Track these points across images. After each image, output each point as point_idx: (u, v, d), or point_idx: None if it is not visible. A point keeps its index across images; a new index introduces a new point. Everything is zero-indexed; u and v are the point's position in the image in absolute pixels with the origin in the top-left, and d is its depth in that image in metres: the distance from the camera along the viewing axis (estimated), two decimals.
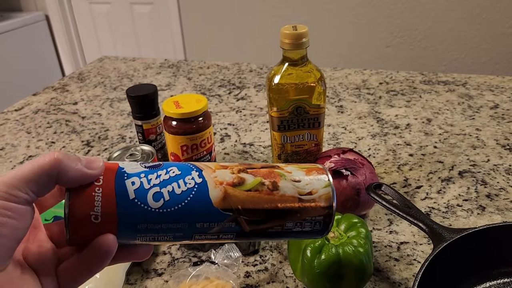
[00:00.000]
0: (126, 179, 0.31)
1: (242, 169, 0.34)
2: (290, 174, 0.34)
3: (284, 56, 0.60)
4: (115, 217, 0.30)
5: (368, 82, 1.09)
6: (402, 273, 0.54)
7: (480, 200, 0.65)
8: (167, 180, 0.31)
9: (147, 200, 0.30)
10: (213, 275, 0.50)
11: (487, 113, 0.90)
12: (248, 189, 0.33)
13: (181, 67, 1.29)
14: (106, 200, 0.30)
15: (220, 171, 0.33)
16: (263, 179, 0.33)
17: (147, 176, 0.31)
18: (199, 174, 0.32)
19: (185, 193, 0.31)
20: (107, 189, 0.30)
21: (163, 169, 0.32)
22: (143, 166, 0.32)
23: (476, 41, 1.95)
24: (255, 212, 0.33)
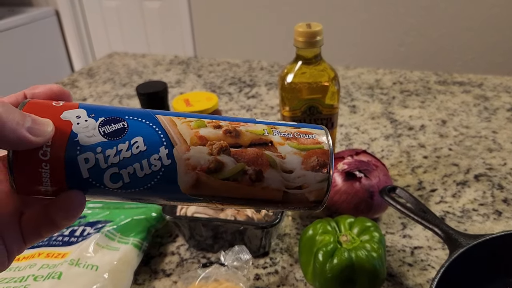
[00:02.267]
0: (78, 154, 0.25)
1: (224, 147, 0.28)
2: (283, 161, 0.28)
3: (297, 55, 0.59)
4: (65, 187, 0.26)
5: (382, 82, 1.07)
6: (416, 279, 0.52)
7: (496, 205, 0.63)
8: (128, 159, 0.26)
9: (103, 181, 0.26)
10: (223, 277, 0.49)
11: (503, 115, 0.88)
12: (225, 177, 0.27)
13: (191, 64, 1.28)
14: (55, 179, 0.26)
15: (196, 150, 0.27)
16: (247, 166, 0.28)
17: (104, 152, 0.26)
18: (168, 153, 0.27)
19: (149, 177, 0.26)
20: (56, 166, 0.25)
21: (125, 141, 0.26)
22: (102, 131, 0.26)
23: (493, 40, 1.92)
24: (230, 199, 0.29)
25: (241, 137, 0.28)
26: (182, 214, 0.56)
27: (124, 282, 0.51)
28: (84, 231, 0.56)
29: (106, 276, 0.49)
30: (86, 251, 0.52)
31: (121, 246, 0.54)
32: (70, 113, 0.27)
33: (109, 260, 0.51)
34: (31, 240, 0.28)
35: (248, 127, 0.29)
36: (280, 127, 0.30)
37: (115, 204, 0.62)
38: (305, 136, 0.30)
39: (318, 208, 0.30)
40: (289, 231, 0.61)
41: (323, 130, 0.31)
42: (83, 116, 0.27)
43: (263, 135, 0.29)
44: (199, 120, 0.29)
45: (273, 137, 0.29)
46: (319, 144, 0.29)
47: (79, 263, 0.50)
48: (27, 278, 0.48)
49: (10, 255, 0.27)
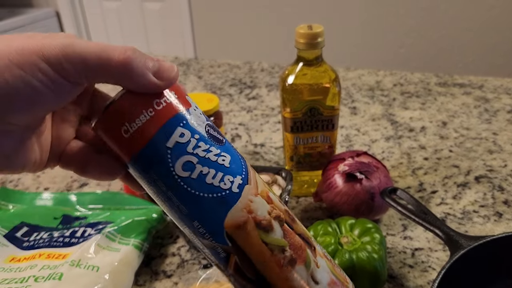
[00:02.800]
0: (181, 125, 0.27)
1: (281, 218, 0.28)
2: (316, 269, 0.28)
3: (298, 56, 0.59)
4: (140, 147, 0.27)
5: (382, 84, 1.07)
6: (417, 280, 0.52)
7: (497, 207, 0.63)
8: (211, 162, 0.27)
9: (176, 161, 0.27)
10: (224, 278, 0.49)
11: (504, 117, 0.88)
12: (266, 241, 0.27)
13: (191, 65, 1.28)
14: (147, 127, 0.26)
15: (261, 201, 0.28)
16: (288, 248, 0.28)
17: (199, 141, 0.27)
18: (240, 184, 0.28)
19: (212, 188, 0.27)
20: (157, 119, 0.26)
21: (218, 148, 0.28)
22: (207, 129, 0.28)
23: (493, 42, 1.92)
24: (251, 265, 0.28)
25: (296, 224, 0.29)
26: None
27: (125, 283, 0.51)
28: (85, 232, 0.56)
29: (107, 277, 0.49)
30: (87, 252, 0.52)
31: (122, 247, 0.54)
32: (192, 100, 0.29)
33: (110, 261, 0.51)
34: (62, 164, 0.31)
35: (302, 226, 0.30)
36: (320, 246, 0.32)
37: (116, 205, 0.62)
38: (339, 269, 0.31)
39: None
40: None
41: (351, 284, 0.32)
42: (198, 109, 0.29)
43: (311, 238, 0.30)
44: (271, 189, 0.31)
45: (317, 246, 0.30)
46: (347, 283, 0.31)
47: (80, 264, 0.50)
48: (28, 279, 0.48)
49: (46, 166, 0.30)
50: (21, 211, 0.62)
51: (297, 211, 0.65)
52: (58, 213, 0.61)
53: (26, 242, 0.56)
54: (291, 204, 0.66)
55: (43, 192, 0.66)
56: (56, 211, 0.62)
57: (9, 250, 0.54)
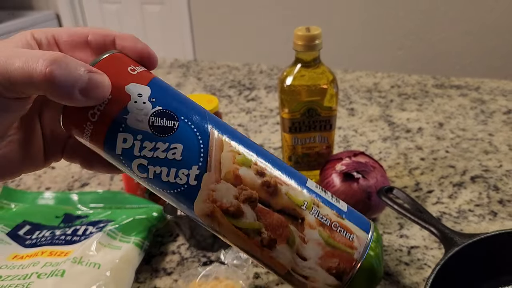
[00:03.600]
0: (120, 131, 0.26)
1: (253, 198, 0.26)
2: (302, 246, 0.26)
3: (296, 58, 0.60)
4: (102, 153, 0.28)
5: (380, 85, 1.08)
6: (413, 277, 0.53)
7: (492, 206, 0.64)
8: (160, 160, 0.26)
9: (131, 165, 0.27)
10: (223, 275, 0.50)
11: (500, 118, 0.89)
12: (238, 226, 0.26)
13: (191, 67, 1.29)
14: (94, 139, 0.27)
15: (224, 187, 0.26)
16: (263, 229, 0.26)
17: (143, 141, 0.26)
18: (198, 174, 0.26)
19: (170, 185, 0.26)
20: (97, 131, 0.26)
21: (165, 141, 0.26)
22: (151, 122, 0.26)
23: (490, 45, 1.94)
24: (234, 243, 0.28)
25: (276, 198, 0.26)
26: (183, 214, 0.57)
27: (125, 280, 0.52)
28: (87, 230, 0.57)
29: (108, 274, 0.50)
30: (88, 250, 0.53)
31: (123, 245, 0.55)
32: (135, 88, 0.26)
33: (111, 259, 0.52)
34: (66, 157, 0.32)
35: (290, 190, 0.27)
36: (324, 207, 0.27)
37: (117, 204, 0.63)
38: (342, 232, 0.27)
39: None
40: None
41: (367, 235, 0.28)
42: (144, 96, 0.26)
43: (299, 208, 0.27)
44: (246, 158, 0.27)
45: (307, 215, 0.27)
46: (351, 249, 0.27)
47: (81, 261, 0.51)
48: (30, 275, 0.49)
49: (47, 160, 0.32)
50: (23, 210, 0.62)
51: None
52: (60, 212, 0.62)
53: (29, 240, 0.56)
54: None
55: (44, 192, 0.67)
56: (58, 210, 0.62)
57: (11, 248, 0.55)
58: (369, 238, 0.29)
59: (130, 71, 0.27)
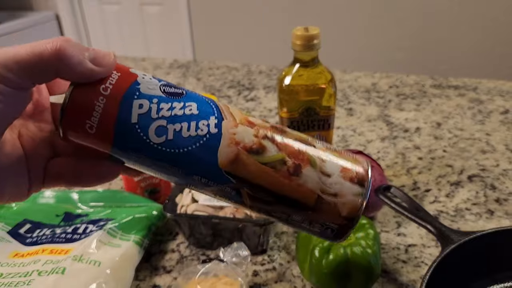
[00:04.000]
0: (135, 98, 0.27)
1: (269, 134, 0.28)
2: (323, 163, 0.28)
3: (295, 58, 0.61)
4: (110, 135, 0.27)
5: (378, 86, 1.09)
6: (410, 275, 0.54)
7: (488, 205, 0.65)
8: (179, 116, 0.27)
9: (148, 131, 0.27)
10: (222, 273, 0.50)
11: (497, 118, 0.89)
12: (264, 162, 0.28)
13: (190, 67, 1.30)
14: (105, 114, 0.26)
15: (243, 128, 0.28)
16: (287, 158, 0.28)
17: (159, 104, 0.27)
18: (217, 123, 0.27)
19: (192, 139, 0.27)
20: (111, 103, 0.26)
21: (180, 101, 0.27)
22: (162, 89, 0.28)
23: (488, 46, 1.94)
24: (262, 190, 0.28)
25: (287, 134, 0.29)
26: (183, 212, 0.57)
27: (125, 277, 0.52)
28: (87, 229, 0.57)
29: (108, 271, 0.50)
30: (89, 248, 0.53)
31: (123, 243, 0.55)
32: (137, 71, 0.28)
33: (111, 257, 0.52)
34: (49, 183, 0.30)
35: (294, 132, 0.30)
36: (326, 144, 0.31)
37: (117, 202, 0.64)
38: (346, 153, 0.31)
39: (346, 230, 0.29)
40: (287, 229, 0.62)
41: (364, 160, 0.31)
42: (148, 75, 0.28)
43: (307, 139, 0.30)
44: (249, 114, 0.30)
45: (316, 143, 0.30)
46: (359, 162, 0.30)
47: (82, 258, 0.51)
48: (31, 273, 0.50)
49: (30, 191, 0.29)
50: (24, 209, 0.63)
51: None
52: (60, 211, 0.62)
53: (29, 238, 0.57)
54: None
55: (45, 191, 0.67)
56: (58, 208, 0.63)
57: (12, 246, 0.55)
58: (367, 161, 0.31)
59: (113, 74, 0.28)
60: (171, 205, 0.59)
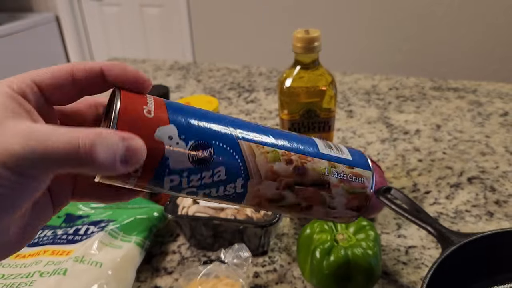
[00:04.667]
0: (166, 175, 0.27)
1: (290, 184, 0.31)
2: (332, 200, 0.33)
3: (296, 60, 0.61)
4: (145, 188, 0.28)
5: (378, 88, 1.09)
6: (410, 277, 0.54)
7: (488, 206, 0.65)
8: (208, 184, 0.29)
9: (179, 194, 0.29)
10: (223, 274, 0.50)
11: (496, 120, 0.90)
12: (282, 205, 0.32)
13: (190, 69, 1.30)
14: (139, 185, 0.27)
15: (267, 184, 0.30)
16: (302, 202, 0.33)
17: (189, 177, 0.28)
18: (243, 184, 0.30)
19: (220, 197, 0.30)
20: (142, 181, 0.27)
21: (209, 169, 0.28)
22: (191, 159, 0.27)
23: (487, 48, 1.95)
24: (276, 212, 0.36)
25: (306, 176, 0.32)
26: (184, 214, 0.58)
27: (127, 279, 0.52)
28: (88, 230, 0.58)
29: (110, 272, 0.51)
30: (90, 249, 0.53)
31: (124, 244, 0.55)
32: (163, 132, 0.27)
33: (112, 258, 0.53)
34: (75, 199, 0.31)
35: (313, 164, 0.32)
36: (338, 165, 0.33)
37: (118, 204, 0.64)
38: (356, 179, 0.34)
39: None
40: (287, 231, 0.62)
41: (370, 172, 0.35)
42: (174, 137, 0.27)
43: (323, 175, 0.32)
44: (275, 151, 0.31)
45: (331, 179, 0.33)
46: (365, 189, 0.35)
47: (83, 260, 0.51)
48: (33, 274, 0.50)
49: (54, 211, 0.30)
50: None
51: None
52: (62, 212, 0.62)
53: None
54: None
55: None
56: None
57: None
58: (372, 173, 0.35)
59: (147, 115, 0.27)
60: (172, 206, 0.59)
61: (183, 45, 2.59)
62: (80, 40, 2.90)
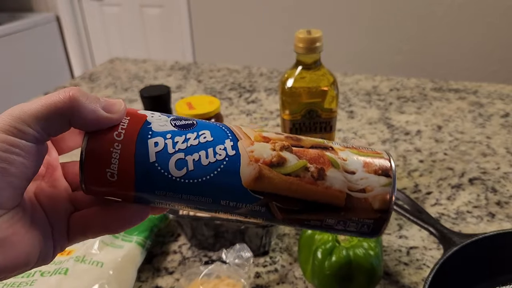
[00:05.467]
0: (149, 137, 0.27)
1: (286, 145, 0.28)
2: (344, 162, 0.28)
3: (297, 60, 0.61)
4: (132, 179, 0.27)
5: (379, 88, 1.09)
6: (412, 277, 0.54)
7: (489, 207, 0.65)
8: (195, 146, 0.27)
9: (168, 167, 0.27)
10: (224, 274, 0.50)
11: (497, 122, 0.90)
12: (287, 172, 0.28)
13: (191, 69, 1.30)
14: (124, 159, 0.27)
15: (259, 145, 0.28)
16: (309, 164, 0.28)
17: (173, 138, 0.27)
18: (233, 145, 0.28)
19: (212, 166, 0.27)
20: (127, 147, 0.27)
21: (193, 131, 0.28)
22: (173, 123, 0.28)
23: (488, 49, 1.95)
24: (291, 200, 0.28)
25: (302, 141, 0.29)
26: (185, 213, 0.58)
27: (128, 278, 0.52)
28: None
29: (111, 272, 0.50)
30: (91, 248, 0.53)
31: (125, 244, 0.55)
32: (145, 111, 0.29)
33: (113, 257, 0.53)
34: (75, 238, 0.29)
35: (308, 137, 0.30)
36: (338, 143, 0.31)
37: None
38: (364, 148, 0.31)
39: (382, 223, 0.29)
40: (289, 231, 0.62)
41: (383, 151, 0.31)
42: (156, 113, 0.29)
43: (323, 143, 0.30)
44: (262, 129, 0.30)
45: (333, 145, 0.30)
46: (379, 154, 0.30)
47: (84, 259, 0.51)
48: (34, 273, 0.50)
49: (55, 251, 0.28)
50: None
51: None
52: None
53: None
54: None
55: None
56: None
57: None
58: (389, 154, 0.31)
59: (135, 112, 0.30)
60: None
61: (184, 45, 2.59)
62: (81, 40, 2.90)
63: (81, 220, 0.29)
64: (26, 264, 0.26)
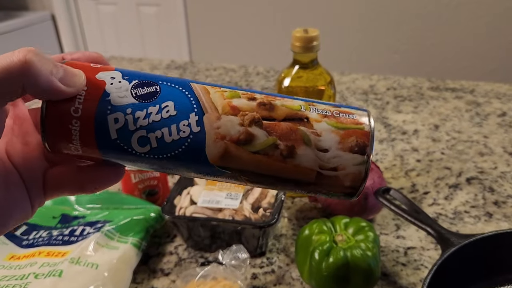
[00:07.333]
0: (108, 113, 0.25)
1: (256, 118, 0.26)
2: (318, 138, 0.27)
3: (294, 59, 0.61)
4: (96, 152, 0.26)
5: (376, 88, 1.09)
6: (409, 278, 0.54)
7: (487, 207, 0.65)
8: (157, 122, 0.26)
9: (131, 144, 0.26)
10: (221, 276, 0.50)
11: (494, 121, 0.90)
12: (255, 150, 0.26)
13: (187, 68, 1.29)
14: (84, 136, 0.26)
15: (227, 119, 0.26)
16: (278, 141, 0.26)
17: (134, 113, 0.26)
18: (198, 120, 0.26)
19: (176, 143, 0.26)
20: (86, 125, 0.25)
21: (155, 104, 0.26)
22: (134, 93, 0.26)
23: (485, 48, 1.95)
24: (259, 175, 0.27)
25: (276, 111, 0.27)
26: (181, 214, 0.57)
27: (123, 280, 0.52)
28: (84, 231, 0.57)
29: (106, 274, 0.50)
30: (86, 250, 0.52)
31: (121, 245, 0.55)
32: (105, 74, 0.27)
33: (108, 259, 0.52)
34: (51, 195, 0.28)
35: (284, 102, 0.28)
36: (318, 105, 0.28)
37: (114, 204, 0.63)
38: (344, 115, 0.28)
39: (352, 197, 0.28)
40: (286, 232, 0.62)
41: (365, 112, 0.29)
42: (117, 77, 0.27)
43: (299, 111, 0.27)
44: (234, 91, 0.28)
45: (309, 114, 0.27)
46: (360, 125, 0.28)
47: (79, 261, 0.51)
48: (28, 276, 0.49)
49: (33, 208, 0.28)
50: None
51: (292, 211, 0.66)
52: (57, 212, 0.62)
53: (26, 241, 0.56)
54: (287, 205, 0.67)
55: None
56: (55, 210, 0.62)
57: (8, 248, 0.55)
58: (368, 112, 0.29)
59: (93, 66, 0.27)
60: (169, 207, 0.58)
61: (180, 44, 2.58)
62: (76, 39, 2.89)
63: (56, 178, 0.28)
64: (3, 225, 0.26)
